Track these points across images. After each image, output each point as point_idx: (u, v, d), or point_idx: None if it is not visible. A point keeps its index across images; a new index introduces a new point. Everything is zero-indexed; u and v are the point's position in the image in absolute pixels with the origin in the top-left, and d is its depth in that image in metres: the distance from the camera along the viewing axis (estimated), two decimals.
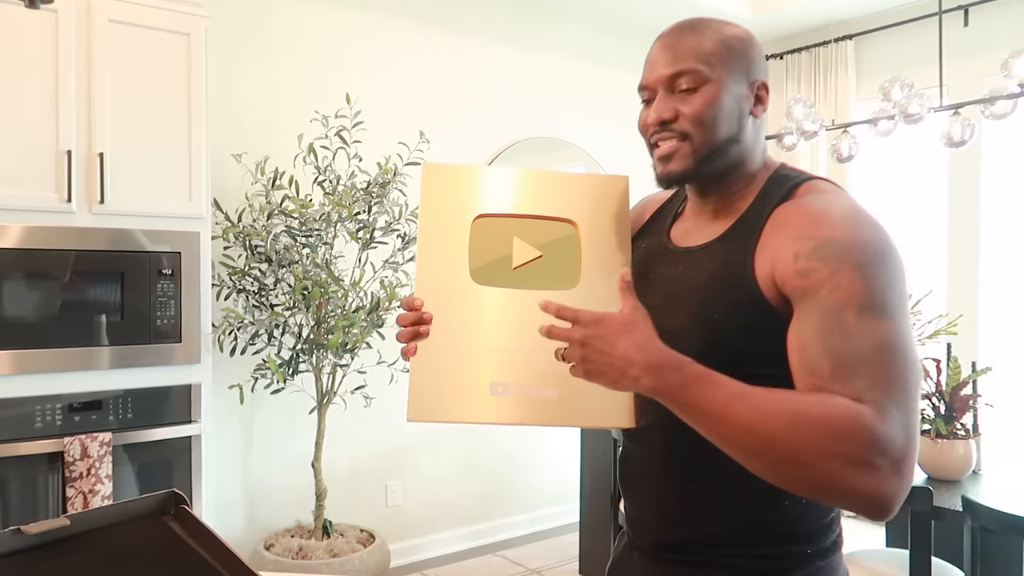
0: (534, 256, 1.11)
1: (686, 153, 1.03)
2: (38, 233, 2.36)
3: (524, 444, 4.08)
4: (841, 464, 0.81)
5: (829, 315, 0.88)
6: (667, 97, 1.03)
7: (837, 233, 0.92)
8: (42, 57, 2.37)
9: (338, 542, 2.94)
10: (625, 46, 4.44)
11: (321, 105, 3.38)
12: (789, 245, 0.94)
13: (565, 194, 1.14)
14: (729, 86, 1.02)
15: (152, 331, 2.54)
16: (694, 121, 1.01)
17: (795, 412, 0.83)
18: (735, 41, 1.04)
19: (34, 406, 2.36)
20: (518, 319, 1.07)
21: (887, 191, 4.23)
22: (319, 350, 2.88)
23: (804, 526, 0.99)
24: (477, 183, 1.14)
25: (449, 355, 1.05)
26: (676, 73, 1.02)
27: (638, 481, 1.11)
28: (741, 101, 1.03)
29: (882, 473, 0.81)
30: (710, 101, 1.01)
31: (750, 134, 1.05)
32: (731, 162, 1.04)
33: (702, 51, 1.02)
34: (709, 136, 1.02)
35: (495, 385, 1.04)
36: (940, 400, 2.30)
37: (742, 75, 1.03)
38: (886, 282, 0.89)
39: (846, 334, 0.86)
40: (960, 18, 3.87)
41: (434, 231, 1.11)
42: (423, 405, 1.04)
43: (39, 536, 0.82)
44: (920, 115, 2.86)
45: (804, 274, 0.91)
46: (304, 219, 2.88)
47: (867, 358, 0.85)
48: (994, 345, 3.89)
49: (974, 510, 1.94)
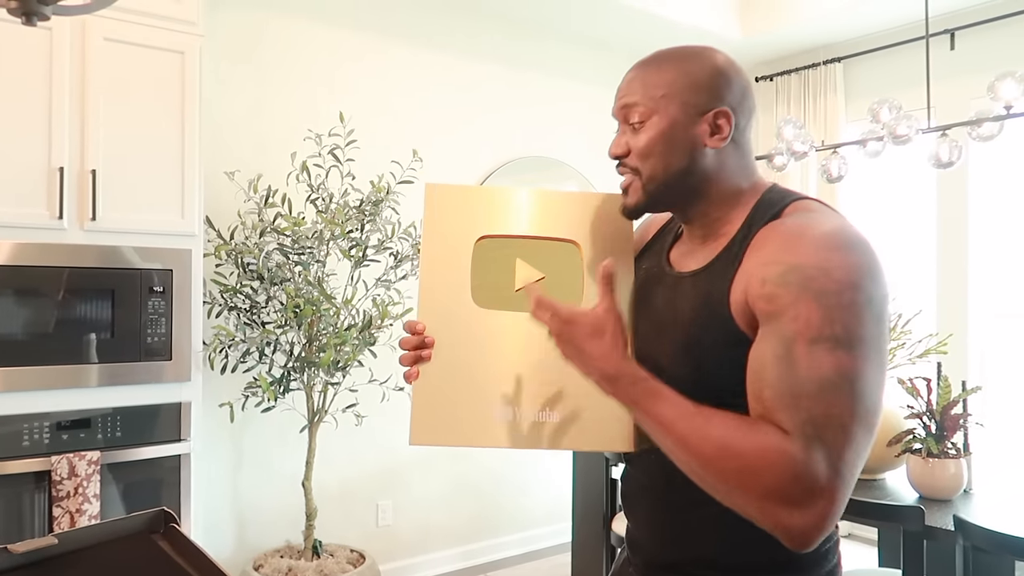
0: (537, 278, 1.11)
1: (637, 187, 1.05)
2: (29, 250, 2.35)
3: (516, 464, 4.06)
4: (760, 496, 0.84)
5: (782, 345, 0.88)
6: (623, 131, 1.06)
7: (806, 259, 0.90)
8: (36, 74, 2.38)
9: (328, 563, 2.92)
10: (614, 65, 4.48)
11: (314, 123, 3.39)
12: (759, 269, 0.94)
13: (567, 214, 1.14)
14: (677, 119, 1.02)
15: (142, 349, 2.52)
16: (640, 156, 1.04)
17: (726, 440, 0.87)
18: (699, 72, 1.02)
19: (22, 424, 2.34)
20: (520, 342, 1.07)
21: (876, 211, 4.27)
22: (310, 368, 2.87)
23: (802, 554, 0.98)
24: (479, 204, 1.14)
25: (452, 379, 1.05)
26: (624, 106, 1.05)
27: (637, 502, 1.12)
28: (692, 133, 1.02)
29: (797, 504, 0.83)
30: (653, 136, 1.02)
31: (711, 162, 1.03)
32: (689, 191, 1.05)
33: (651, 85, 1.03)
34: (655, 170, 1.03)
35: (499, 408, 1.04)
36: (931, 419, 2.31)
37: (694, 107, 1.02)
38: (852, 312, 0.87)
39: (793, 367, 0.87)
40: (947, 42, 3.93)
41: (436, 252, 1.11)
42: (426, 429, 1.03)
43: (26, 555, 0.81)
44: (908, 136, 2.89)
45: (769, 299, 0.91)
46: (296, 237, 2.88)
47: (809, 393, 0.85)
48: (984, 364, 3.91)
49: (966, 529, 1.94)
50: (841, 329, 0.86)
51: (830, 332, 0.86)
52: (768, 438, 0.85)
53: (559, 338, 0.95)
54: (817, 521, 0.83)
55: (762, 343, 0.91)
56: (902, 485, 2.47)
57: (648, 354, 1.06)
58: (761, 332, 0.92)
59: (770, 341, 0.90)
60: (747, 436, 0.86)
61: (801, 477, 0.83)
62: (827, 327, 0.86)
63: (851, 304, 0.87)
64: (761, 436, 0.86)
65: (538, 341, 1.06)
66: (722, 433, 0.87)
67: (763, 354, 0.91)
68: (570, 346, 0.94)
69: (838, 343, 0.86)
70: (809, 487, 0.83)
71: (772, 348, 0.89)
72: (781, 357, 0.88)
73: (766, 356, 0.90)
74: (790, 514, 0.83)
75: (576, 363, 0.95)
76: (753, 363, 0.92)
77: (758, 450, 0.85)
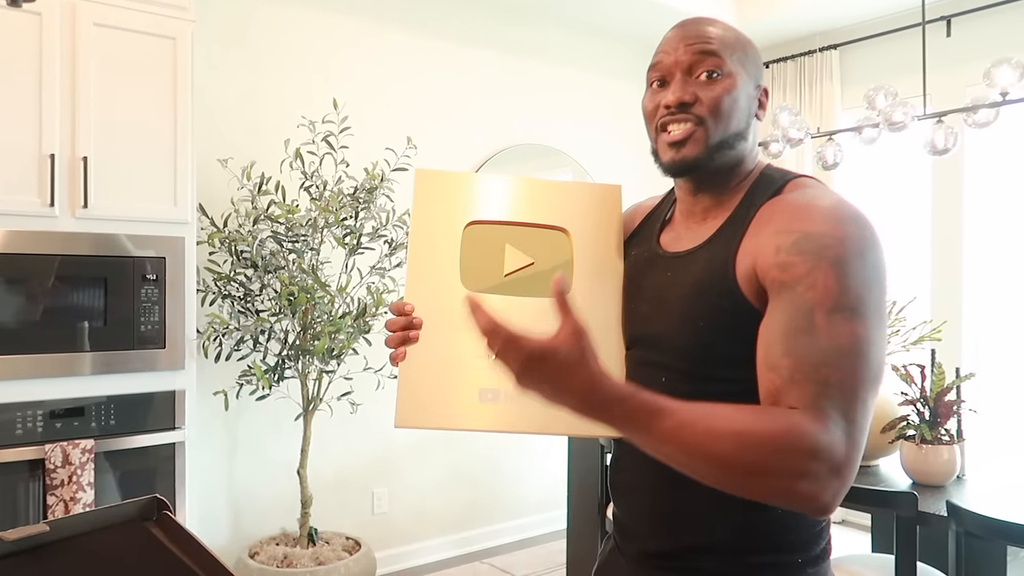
0: (526, 263, 1.10)
1: (700, 139, 1.01)
2: (20, 238, 2.33)
3: (511, 451, 4.07)
4: (786, 476, 0.83)
5: (800, 314, 0.89)
6: (686, 81, 1.02)
7: (819, 228, 0.92)
8: (26, 60, 2.35)
9: (324, 550, 2.92)
10: (611, 52, 4.46)
11: (308, 110, 3.37)
12: (771, 238, 0.95)
13: (558, 202, 1.14)
14: (744, 82, 1.04)
15: (136, 337, 2.51)
16: (712, 108, 1.01)
17: (741, 433, 0.83)
18: (749, 45, 1.06)
19: (15, 412, 2.33)
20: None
21: (872, 198, 4.27)
22: (305, 356, 2.87)
23: (795, 535, 0.99)
24: (470, 190, 1.13)
25: (438, 361, 1.04)
26: (701, 55, 1.01)
27: (629, 489, 1.11)
28: (751, 100, 1.05)
29: (821, 480, 0.83)
30: (730, 90, 1.02)
31: (751, 136, 1.07)
32: (735, 158, 1.05)
33: (726, 42, 1.03)
34: (723, 126, 1.02)
35: (484, 392, 1.02)
36: (924, 406, 2.31)
37: (753, 76, 1.06)
38: (862, 280, 0.89)
39: (813, 335, 0.87)
40: (943, 29, 3.91)
41: (425, 237, 1.10)
42: (411, 411, 1.02)
43: (17, 543, 0.80)
44: (904, 123, 2.88)
45: (783, 268, 0.92)
46: (290, 224, 2.86)
47: (828, 361, 0.86)
48: (978, 351, 3.93)
49: (959, 515, 1.95)
50: (854, 298, 0.88)
51: (846, 301, 0.88)
52: (783, 420, 0.84)
53: (525, 376, 0.82)
54: (838, 488, 0.85)
55: (775, 314, 0.91)
56: (895, 471, 2.48)
57: (645, 335, 1.06)
58: (772, 304, 0.92)
59: (787, 310, 0.90)
60: (761, 423, 0.84)
61: (822, 452, 0.83)
62: (843, 296, 0.88)
63: (861, 272, 0.89)
64: (775, 420, 0.84)
65: (527, 325, 1.05)
66: (735, 427, 0.83)
67: (778, 323, 0.90)
68: (543, 384, 0.82)
69: (854, 312, 0.88)
70: (830, 459, 0.83)
71: (789, 317, 0.89)
72: (800, 328, 0.88)
73: (782, 325, 0.90)
74: (817, 488, 0.83)
75: (551, 399, 0.83)
76: (767, 333, 0.92)
77: (776, 434, 0.83)
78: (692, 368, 1.00)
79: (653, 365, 1.04)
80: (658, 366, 1.03)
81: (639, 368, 1.06)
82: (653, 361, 1.04)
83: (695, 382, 0.99)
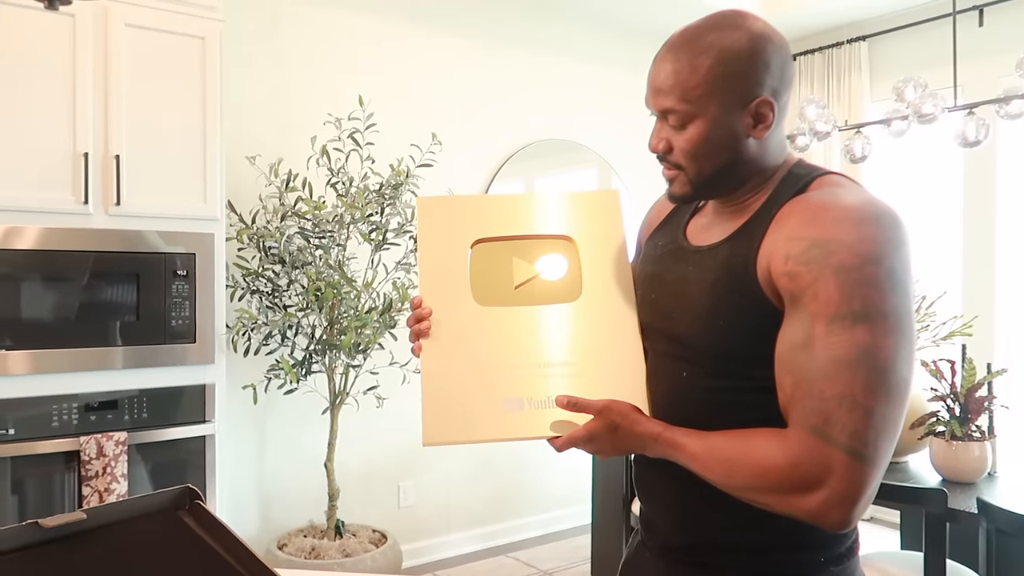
0: (534, 274, 1.12)
1: (684, 181, 1.04)
2: (55, 235, 2.39)
3: (536, 446, 4.06)
4: (776, 494, 0.90)
5: (802, 327, 0.90)
6: (661, 126, 1.03)
7: (829, 233, 0.90)
8: (59, 61, 2.40)
9: (351, 542, 2.95)
10: (637, 48, 4.44)
11: (334, 107, 3.40)
12: (783, 244, 0.94)
13: (559, 213, 1.15)
14: (718, 117, 0.98)
15: (167, 332, 2.56)
16: (685, 156, 1.01)
17: (730, 460, 0.93)
18: (734, 60, 0.97)
19: (51, 405, 2.38)
20: (524, 335, 1.08)
21: (901, 192, 4.21)
22: (332, 351, 2.90)
23: (820, 533, 0.98)
24: (472, 211, 1.16)
25: (459, 377, 1.06)
26: (661, 108, 1.02)
27: (653, 484, 1.11)
28: (735, 128, 0.99)
29: (810, 492, 0.88)
30: (696, 139, 0.99)
31: (755, 149, 1.01)
32: (737, 179, 1.03)
33: (688, 85, 0.97)
34: (702, 168, 1.01)
35: (508, 401, 1.04)
36: (955, 402, 2.28)
37: (736, 100, 0.98)
38: (873, 286, 0.87)
39: (810, 349, 0.89)
40: (975, 18, 3.84)
41: (434, 261, 1.12)
42: (438, 428, 1.04)
43: (56, 529, 0.83)
44: (934, 115, 2.84)
45: (791, 277, 0.91)
46: (317, 221, 2.89)
47: (825, 373, 0.87)
48: (1010, 346, 3.86)
49: (989, 512, 1.93)
50: (860, 304, 0.87)
51: (848, 309, 0.87)
52: (761, 441, 0.92)
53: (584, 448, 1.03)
54: (830, 496, 0.86)
55: (785, 328, 0.93)
56: (925, 468, 2.45)
57: (668, 329, 1.06)
58: (786, 315, 0.93)
59: (793, 325, 0.91)
60: (744, 447, 0.93)
61: (800, 464, 0.88)
62: (845, 304, 0.87)
63: (872, 278, 0.87)
64: (755, 442, 0.92)
65: (542, 332, 1.07)
66: (727, 456, 0.94)
67: (784, 338, 0.93)
68: (598, 452, 1.03)
69: (856, 319, 0.86)
70: (809, 471, 0.87)
71: (793, 330, 0.91)
72: (799, 342, 0.90)
73: (788, 341, 0.92)
74: (805, 500, 0.88)
75: (610, 455, 1.04)
76: (778, 349, 0.93)
77: (755, 456, 0.91)
78: (712, 365, 1.00)
79: (675, 359, 1.04)
80: (680, 360, 1.04)
81: (662, 361, 1.06)
82: (675, 355, 1.04)
83: (716, 379, 1.00)
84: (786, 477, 0.89)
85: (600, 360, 1.07)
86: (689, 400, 1.02)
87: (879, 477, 0.88)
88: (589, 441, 1.01)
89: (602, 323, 1.09)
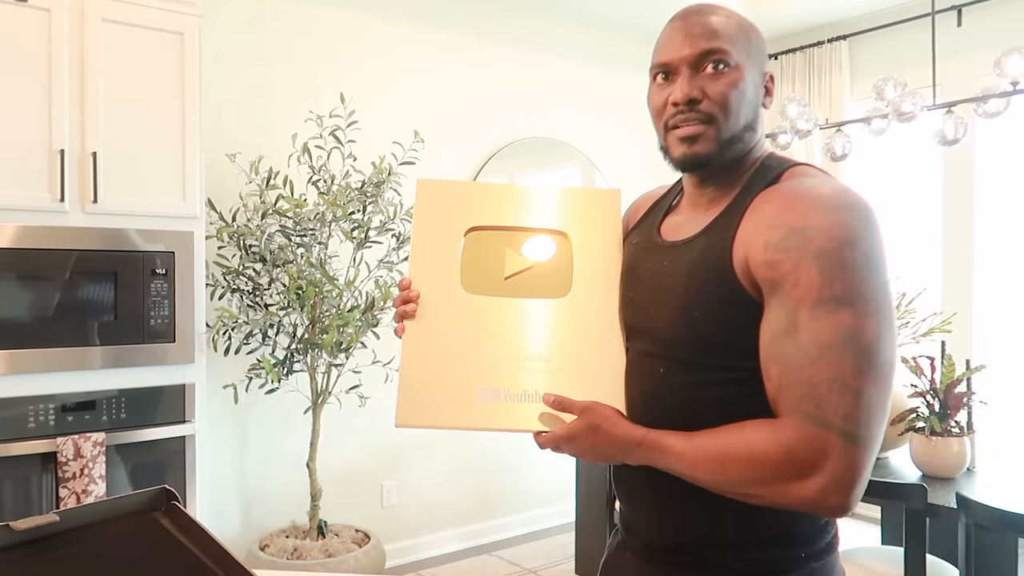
0: (525, 266, 1.11)
1: (711, 137, 1.00)
2: (31, 233, 2.35)
3: (519, 444, 4.07)
4: (770, 485, 0.89)
5: (786, 315, 0.90)
6: (692, 76, 1.00)
7: (806, 220, 0.91)
8: (35, 56, 2.36)
9: (333, 542, 2.94)
10: (620, 46, 4.44)
11: (315, 104, 3.37)
12: (761, 233, 0.94)
13: (558, 207, 1.15)
14: (750, 72, 1.02)
15: (146, 331, 2.53)
16: (720, 104, 0.99)
17: (720, 456, 0.92)
18: (752, 30, 1.04)
19: (27, 406, 2.35)
20: (507, 326, 1.08)
21: (881, 190, 4.24)
22: (313, 350, 2.88)
23: (800, 529, 0.99)
24: (470, 198, 1.15)
25: (438, 362, 1.06)
26: (704, 52, 1.00)
27: (633, 483, 1.11)
28: (758, 89, 1.03)
29: (806, 480, 0.87)
30: (736, 84, 1.00)
31: (760, 125, 1.06)
32: (744, 150, 1.04)
33: (730, 32, 1.01)
34: (732, 120, 1.00)
35: (484, 391, 1.04)
36: (934, 398, 2.30)
37: (759, 64, 1.04)
38: (852, 270, 0.87)
39: (795, 336, 0.89)
40: (953, 18, 3.88)
41: (426, 242, 1.12)
42: (411, 411, 1.04)
43: (28, 532, 0.81)
44: (913, 113, 2.86)
45: (771, 266, 0.92)
46: (298, 219, 2.87)
47: (812, 359, 0.87)
48: (988, 343, 3.90)
49: (969, 507, 1.95)
50: (841, 288, 0.87)
51: (830, 293, 0.87)
52: (751, 432, 0.91)
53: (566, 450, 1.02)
54: (829, 482, 0.86)
55: (768, 317, 0.92)
56: (905, 463, 2.47)
57: (643, 325, 1.06)
58: (767, 305, 0.93)
59: (774, 312, 0.91)
60: (733, 441, 0.91)
61: (795, 451, 0.87)
62: (827, 288, 0.87)
63: (851, 262, 0.88)
64: (745, 433, 0.91)
65: (525, 325, 1.07)
66: (717, 451, 0.92)
67: (767, 327, 0.92)
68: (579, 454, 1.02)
69: (840, 303, 0.87)
70: (805, 458, 0.86)
71: (776, 319, 0.91)
72: (784, 329, 0.90)
73: (772, 330, 0.91)
74: (802, 487, 0.87)
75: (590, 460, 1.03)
76: (761, 339, 0.93)
77: (747, 448, 0.90)
78: (688, 358, 0.99)
79: (652, 356, 1.04)
80: (657, 357, 1.03)
81: (640, 360, 1.06)
82: (652, 352, 1.04)
83: (692, 373, 0.99)
84: (781, 466, 0.87)
85: (579, 359, 1.06)
86: (665, 396, 1.01)
87: (873, 459, 0.88)
88: (570, 441, 1.00)
89: (586, 322, 1.08)
